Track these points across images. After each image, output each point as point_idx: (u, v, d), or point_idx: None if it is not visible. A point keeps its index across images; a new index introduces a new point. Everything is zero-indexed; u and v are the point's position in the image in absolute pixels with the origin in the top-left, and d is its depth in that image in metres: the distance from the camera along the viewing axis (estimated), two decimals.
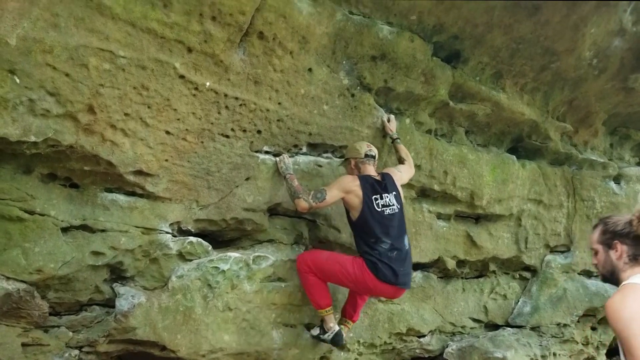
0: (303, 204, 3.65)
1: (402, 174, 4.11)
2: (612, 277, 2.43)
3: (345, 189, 3.73)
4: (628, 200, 6.13)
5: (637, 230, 2.30)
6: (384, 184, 3.84)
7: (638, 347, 2.04)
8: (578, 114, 5.44)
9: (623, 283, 2.33)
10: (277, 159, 3.81)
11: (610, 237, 2.39)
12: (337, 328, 3.96)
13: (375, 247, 3.72)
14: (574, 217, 5.88)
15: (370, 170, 3.88)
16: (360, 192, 3.72)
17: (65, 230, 3.15)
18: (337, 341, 3.95)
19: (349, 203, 3.77)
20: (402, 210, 3.90)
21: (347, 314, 4.19)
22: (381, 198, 3.76)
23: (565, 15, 4.17)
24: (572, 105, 5.30)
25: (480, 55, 4.42)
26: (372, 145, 3.94)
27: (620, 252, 2.36)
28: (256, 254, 3.87)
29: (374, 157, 3.92)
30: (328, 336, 3.95)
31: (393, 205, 3.80)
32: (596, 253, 2.48)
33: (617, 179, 6.19)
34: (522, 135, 5.30)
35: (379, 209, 3.74)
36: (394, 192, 3.86)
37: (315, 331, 4.06)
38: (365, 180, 3.77)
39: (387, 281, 3.72)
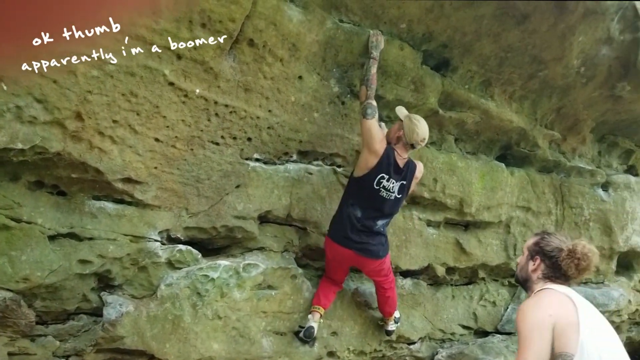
0: (364, 91, 3.72)
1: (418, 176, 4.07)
2: (525, 284, 2.65)
3: (375, 143, 3.68)
4: (616, 207, 6.18)
5: (562, 261, 2.47)
6: (400, 170, 3.79)
7: (531, 355, 2.25)
8: (566, 121, 5.47)
9: (538, 289, 2.51)
10: (372, 32, 3.77)
11: (538, 251, 2.58)
12: (313, 324, 4.04)
13: (349, 209, 3.80)
14: (562, 224, 5.91)
15: (402, 151, 3.81)
16: (375, 161, 3.69)
17: (52, 238, 3.13)
18: (306, 335, 4.05)
19: (363, 157, 3.75)
20: (397, 202, 3.88)
21: (321, 302, 4.20)
22: (387, 180, 3.74)
23: (553, 24, 4.20)
24: (560, 113, 5.33)
25: (469, 63, 4.44)
26: (425, 140, 3.82)
27: (536, 266, 2.57)
28: (246, 261, 3.85)
29: (414, 147, 3.84)
30: (302, 333, 4.06)
31: (392, 192, 3.79)
32: (523, 254, 2.69)
33: (605, 186, 6.23)
34: (511, 142, 5.32)
35: (376, 187, 3.73)
36: (403, 182, 3.82)
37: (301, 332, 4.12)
38: (387, 156, 3.72)
39: (339, 242, 3.85)
